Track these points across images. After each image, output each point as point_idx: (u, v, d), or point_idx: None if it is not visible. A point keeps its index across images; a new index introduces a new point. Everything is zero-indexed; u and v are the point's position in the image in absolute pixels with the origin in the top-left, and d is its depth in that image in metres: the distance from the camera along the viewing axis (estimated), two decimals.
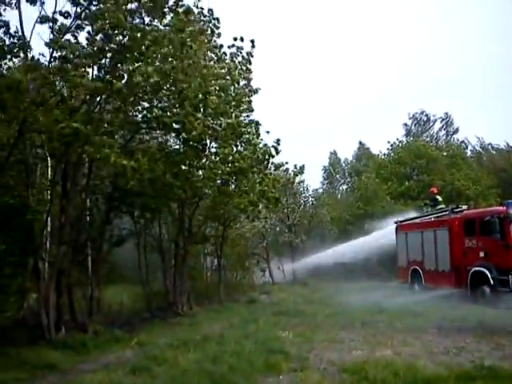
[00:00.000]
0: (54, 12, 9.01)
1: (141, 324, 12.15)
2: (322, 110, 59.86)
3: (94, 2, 9.00)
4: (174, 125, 10.92)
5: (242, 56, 13.60)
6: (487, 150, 35.49)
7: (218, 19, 12.40)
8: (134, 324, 12.02)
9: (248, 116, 14.26)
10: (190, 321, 12.83)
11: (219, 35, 12.89)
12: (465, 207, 17.79)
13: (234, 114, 12.76)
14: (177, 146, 12.68)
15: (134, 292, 14.96)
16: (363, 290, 18.53)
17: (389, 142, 34.12)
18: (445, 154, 31.86)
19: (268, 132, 13.97)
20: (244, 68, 13.66)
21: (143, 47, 9.37)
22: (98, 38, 9.34)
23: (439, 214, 18.18)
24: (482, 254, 14.65)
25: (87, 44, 9.32)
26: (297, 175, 19.52)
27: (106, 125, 9.56)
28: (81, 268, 12.14)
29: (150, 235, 15.20)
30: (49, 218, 10.52)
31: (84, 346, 9.29)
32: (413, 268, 18.36)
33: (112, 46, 9.11)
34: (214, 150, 13.08)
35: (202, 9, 12.09)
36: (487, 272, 14.15)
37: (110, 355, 8.81)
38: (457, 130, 39.57)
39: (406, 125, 39.82)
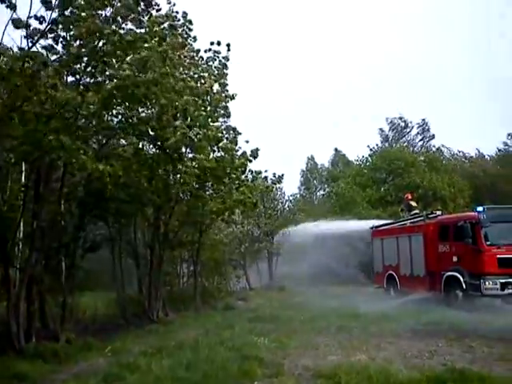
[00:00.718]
0: (29, 17, 8.84)
1: (115, 331, 11.95)
2: (300, 114, 60.28)
3: (70, 8, 8.85)
4: (150, 132, 10.85)
5: (219, 60, 13.63)
6: (457, 158, 36.23)
7: (190, 21, 12.37)
8: (108, 331, 11.81)
9: (225, 121, 14.26)
10: (165, 327, 12.70)
11: (195, 39, 12.86)
12: (439, 213, 18.09)
13: (210, 122, 12.74)
14: (152, 151, 12.56)
15: (109, 298, 14.73)
16: (339, 295, 18.64)
17: (368, 147, 34.57)
18: (422, 158, 32.39)
19: (247, 141, 13.95)
20: (220, 73, 13.67)
21: (121, 51, 9.26)
22: (73, 43, 9.21)
23: (414, 220, 18.46)
24: (455, 259, 14.94)
25: (62, 49, 9.17)
26: (275, 184, 19.54)
27: (80, 131, 9.42)
28: (54, 274, 11.90)
29: (124, 241, 15.01)
30: (21, 224, 10.30)
31: (55, 354, 9.06)
32: (388, 273, 18.59)
33: (87, 51, 8.97)
34: (190, 156, 13.00)
35: (177, 12, 12.06)
36: (460, 276, 14.43)
37: (82, 364, 8.62)
38: (433, 137, 40.29)
39: (381, 130, 40.34)
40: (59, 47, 9.16)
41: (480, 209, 14.54)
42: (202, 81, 12.83)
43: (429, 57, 64.42)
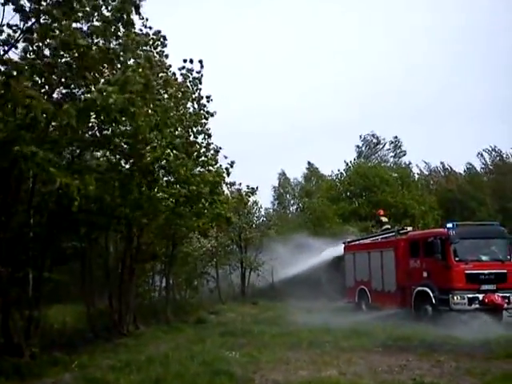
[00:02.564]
0: (1, 24, 8.72)
1: (83, 345, 11.66)
2: (272, 129, 60.44)
3: (44, 17, 8.77)
4: (124, 146, 10.77)
5: (193, 77, 13.78)
6: (436, 172, 36.99)
7: (164, 37, 12.41)
8: (75, 345, 11.50)
9: (205, 139, 14.30)
10: (135, 341, 12.48)
11: (167, 56, 12.91)
12: (410, 229, 18.40)
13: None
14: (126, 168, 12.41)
15: (79, 312, 14.40)
16: (311, 310, 18.70)
17: (345, 162, 34.97)
18: (395, 175, 32.99)
19: (226, 157, 13.94)
20: (195, 88, 13.85)
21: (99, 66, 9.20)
22: (46, 53, 9.12)
23: (386, 235, 18.71)
24: (425, 274, 15.18)
25: (35, 59, 9.05)
26: (249, 196, 19.55)
27: (52, 143, 9.26)
28: (20, 287, 11.57)
29: (95, 253, 14.75)
30: None
31: (18, 371, 8.68)
32: (360, 288, 18.73)
33: (61, 61, 8.89)
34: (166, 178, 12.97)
35: (151, 28, 12.05)
36: (430, 291, 14.65)
37: (46, 380, 8.37)
38: (404, 153, 41.21)
39: (358, 147, 41.05)
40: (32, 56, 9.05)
41: (450, 225, 14.84)
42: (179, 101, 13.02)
43: (403, 74, 65.96)
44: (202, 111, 14.10)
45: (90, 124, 10.57)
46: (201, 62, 13.46)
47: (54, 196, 10.93)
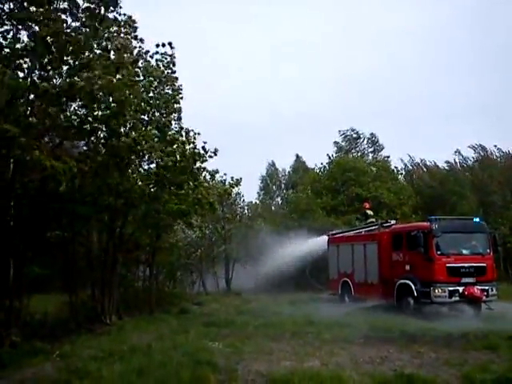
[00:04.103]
0: None
1: (65, 335, 11.56)
2: (263, 120, 60.47)
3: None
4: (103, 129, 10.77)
5: (168, 61, 14.02)
6: (418, 166, 37.22)
7: (134, 21, 12.36)
8: (57, 335, 11.40)
9: (178, 123, 14.46)
10: (118, 331, 12.40)
11: (142, 40, 12.88)
12: (393, 222, 18.54)
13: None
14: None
15: (61, 301, 14.28)
16: (295, 301, 18.81)
17: (328, 155, 34.99)
18: (374, 168, 33.13)
19: (205, 142, 14.07)
20: (169, 71, 14.09)
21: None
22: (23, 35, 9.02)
23: (369, 228, 18.85)
24: (407, 267, 15.35)
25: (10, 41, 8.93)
26: (233, 187, 19.52)
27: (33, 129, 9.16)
28: (1, 277, 11.41)
29: (78, 243, 14.61)
30: None
31: None
32: (343, 280, 18.87)
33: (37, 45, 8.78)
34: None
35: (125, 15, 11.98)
36: (411, 284, 14.84)
37: (27, 369, 8.27)
38: (382, 148, 41.45)
39: (336, 142, 41.06)
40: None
41: (432, 219, 15.03)
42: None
43: (388, 71, 66.27)
44: (177, 95, 14.30)
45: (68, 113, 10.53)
46: (170, 44, 13.75)
47: (35, 184, 10.82)
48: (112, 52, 9.98)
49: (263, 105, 65.06)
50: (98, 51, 9.83)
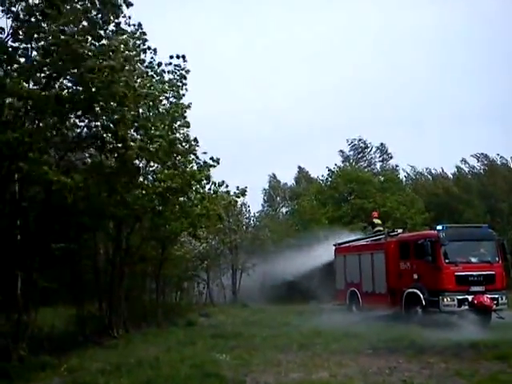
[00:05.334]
0: None
1: (73, 348, 11.54)
2: (262, 134, 60.23)
3: (33, 19, 8.80)
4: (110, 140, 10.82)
5: (180, 73, 14.11)
6: (422, 175, 37.26)
7: (144, 33, 12.57)
8: (65, 349, 11.36)
9: (184, 133, 14.51)
10: (126, 344, 12.38)
11: (155, 51, 13.03)
12: (400, 231, 18.44)
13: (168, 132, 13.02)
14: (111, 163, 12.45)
15: (68, 315, 14.31)
16: (302, 312, 18.72)
17: (327, 168, 34.85)
18: (382, 178, 33.05)
19: (205, 153, 14.18)
20: (180, 84, 14.19)
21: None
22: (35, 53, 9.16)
23: (376, 238, 18.77)
24: (415, 276, 15.22)
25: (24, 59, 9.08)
26: (239, 197, 19.55)
27: (40, 143, 9.24)
28: (8, 290, 11.44)
29: (85, 256, 14.65)
30: None
31: (5, 374, 8.59)
32: (351, 290, 18.73)
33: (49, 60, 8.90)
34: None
35: (135, 25, 12.14)
36: (420, 293, 14.72)
37: None
38: (391, 157, 41.29)
39: (342, 151, 41.01)
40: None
41: (439, 227, 14.94)
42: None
43: (392, 77, 66.29)
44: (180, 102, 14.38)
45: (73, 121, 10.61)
46: (184, 56, 13.88)
47: (41, 197, 10.88)
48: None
49: (263, 119, 64.85)
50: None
